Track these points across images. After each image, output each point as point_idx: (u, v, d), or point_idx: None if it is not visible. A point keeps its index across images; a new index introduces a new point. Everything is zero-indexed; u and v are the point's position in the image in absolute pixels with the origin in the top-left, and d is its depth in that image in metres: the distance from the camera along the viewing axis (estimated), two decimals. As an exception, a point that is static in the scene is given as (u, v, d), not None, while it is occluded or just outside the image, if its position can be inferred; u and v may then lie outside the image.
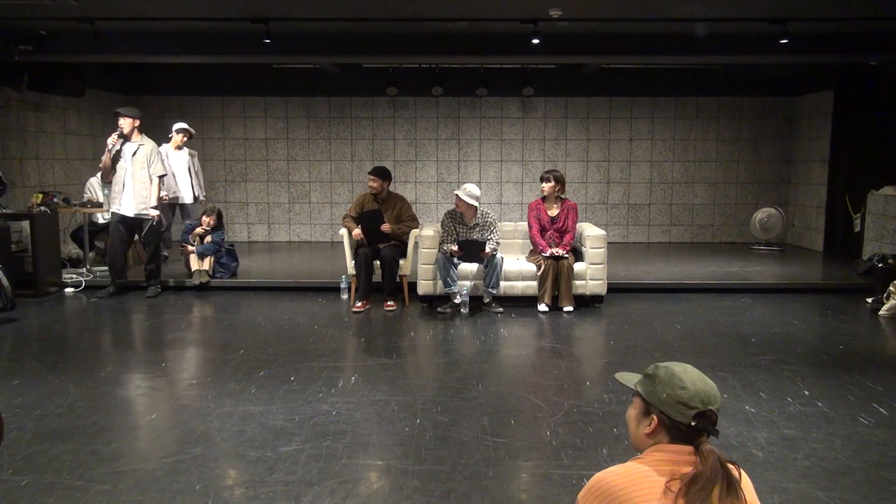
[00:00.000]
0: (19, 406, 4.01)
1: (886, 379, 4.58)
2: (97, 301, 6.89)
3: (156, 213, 7.00)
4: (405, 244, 6.86)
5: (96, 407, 4.02)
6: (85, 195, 8.07)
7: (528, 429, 3.75)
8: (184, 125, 8.49)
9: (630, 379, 1.74)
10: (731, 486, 1.49)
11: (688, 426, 1.54)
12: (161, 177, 7.05)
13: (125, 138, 6.92)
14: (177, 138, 8.40)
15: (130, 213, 6.92)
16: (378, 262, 6.66)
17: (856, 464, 3.31)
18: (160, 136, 8.25)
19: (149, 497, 2.96)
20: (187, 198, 8.49)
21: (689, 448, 1.54)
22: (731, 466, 1.53)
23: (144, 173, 6.90)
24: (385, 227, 6.69)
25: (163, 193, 7.46)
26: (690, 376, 1.59)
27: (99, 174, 8.11)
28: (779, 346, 5.39)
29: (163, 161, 7.11)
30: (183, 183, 8.45)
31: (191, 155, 8.60)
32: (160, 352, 5.36)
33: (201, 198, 8.75)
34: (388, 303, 6.61)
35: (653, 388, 1.61)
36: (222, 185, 10.91)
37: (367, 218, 6.72)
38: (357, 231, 6.67)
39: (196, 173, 8.64)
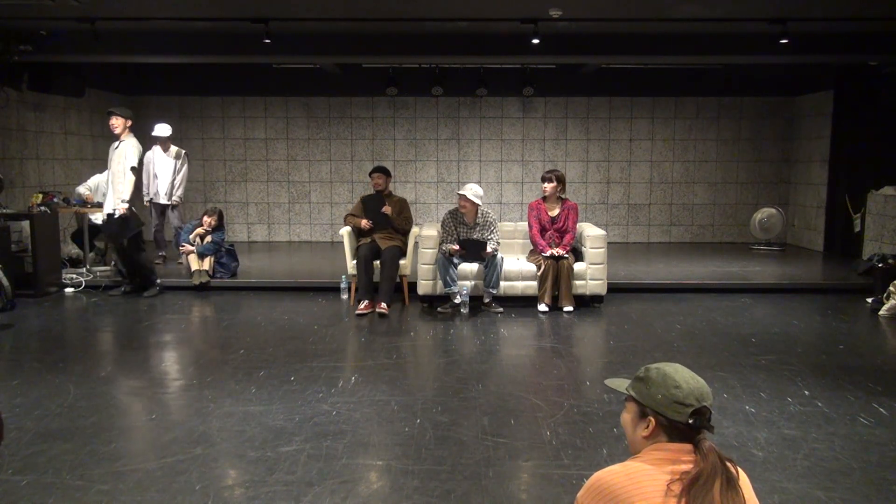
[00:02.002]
0: (19, 406, 4.02)
1: (886, 379, 4.58)
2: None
3: (124, 206, 6.68)
4: (405, 244, 6.86)
5: (96, 407, 4.03)
6: (84, 192, 8.05)
7: (528, 429, 3.75)
8: (159, 132, 8.30)
9: (620, 384, 1.74)
10: (731, 480, 1.50)
11: (685, 424, 1.55)
12: (131, 168, 6.70)
13: (116, 137, 6.92)
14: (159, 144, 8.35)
15: (111, 211, 6.87)
16: (378, 263, 6.65)
17: (856, 464, 3.31)
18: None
19: (149, 497, 2.96)
20: (164, 198, 8.39)
21: (688, 446, 1.55)
22: (729, 464, 1.54)
23: (120, 169, 6.76)
24: (386, 208, 6.73)
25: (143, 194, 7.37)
26: (682, 375, 1.60)
27: (107, 176, 8.16)
28: (779, 346, 5.39)
29: (138, 156, 6.82)
30: (162, 184, 8.39)
31: (177, 156, 8.44)
32: (160, 352, 5.36)
33: (176, 200, 8.45)
34: (381, 305, 6.38)
35: (647, 391, 1.61)
36: (222, 185, 10.90)
37: (370, 202, 6.80)
38: (365, 221, 6.72)
39: (179, 173, 8.43)
